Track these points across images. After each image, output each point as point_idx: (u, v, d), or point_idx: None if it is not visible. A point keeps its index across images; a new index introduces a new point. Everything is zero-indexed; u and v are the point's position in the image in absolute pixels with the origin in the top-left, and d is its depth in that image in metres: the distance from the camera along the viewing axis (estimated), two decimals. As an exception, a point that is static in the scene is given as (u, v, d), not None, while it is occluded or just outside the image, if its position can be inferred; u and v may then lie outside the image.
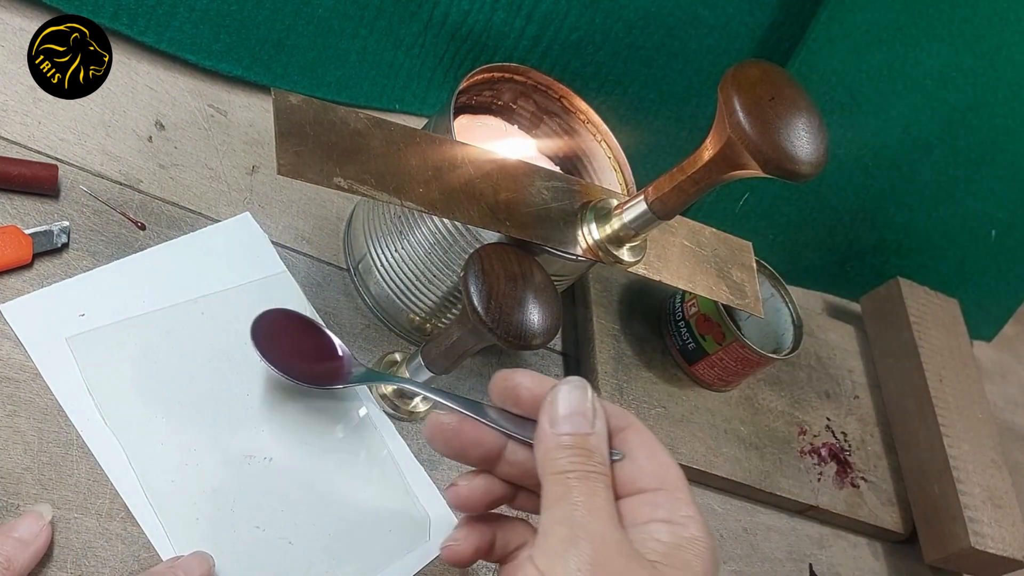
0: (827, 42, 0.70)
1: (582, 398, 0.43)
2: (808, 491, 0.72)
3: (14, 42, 0.58)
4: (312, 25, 0.64)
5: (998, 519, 0.73)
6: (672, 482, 0.42)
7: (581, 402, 0.43)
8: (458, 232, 0.55)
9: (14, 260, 0.50)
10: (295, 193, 0.63)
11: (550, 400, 0.44)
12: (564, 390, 0.44)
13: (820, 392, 0.79)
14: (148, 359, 0.52)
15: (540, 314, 0.50)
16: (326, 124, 0.48)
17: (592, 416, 0.43)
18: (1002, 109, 0.77)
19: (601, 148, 0.63)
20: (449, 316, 0.60)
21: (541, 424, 0.43)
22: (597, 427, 0.43)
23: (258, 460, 0.52)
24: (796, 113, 0.47)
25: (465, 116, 0.64)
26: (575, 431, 0.42)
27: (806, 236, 0.84)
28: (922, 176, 0.81)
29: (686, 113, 0.77)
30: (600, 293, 0.71)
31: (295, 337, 0.55)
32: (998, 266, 0.89)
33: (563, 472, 0.42)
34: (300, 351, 0.55)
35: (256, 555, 0.49)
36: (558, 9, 0.68)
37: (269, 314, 0.54)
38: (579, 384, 0.44)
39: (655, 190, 0.52)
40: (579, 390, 0.43)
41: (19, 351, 0.49)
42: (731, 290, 0.62)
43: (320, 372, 0.55)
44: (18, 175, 0.52)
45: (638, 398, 0.68)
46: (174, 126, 0.61)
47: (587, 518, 0.40)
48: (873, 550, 0.76)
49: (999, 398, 0.97)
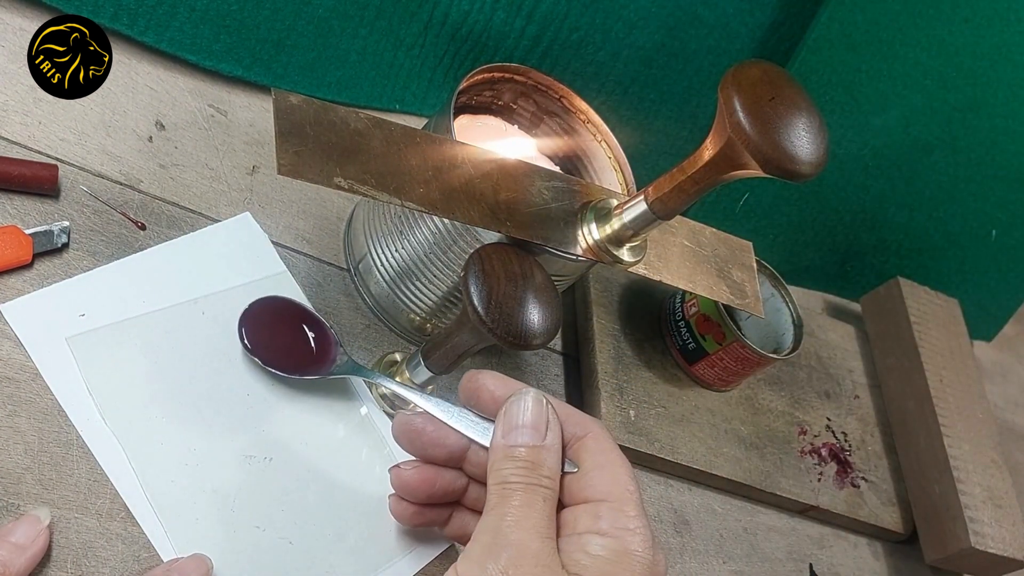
0: (827, 42, 0.70)
1: (536, 410, 0.44)
2: (808, 491, 0.72)
3: (14, 42, 0.58)
4: (312, 25, 0.64)
5: (998, 519, 0.73)
6: (619, 494, 0.42)
7: (535, 414, 0.44)
8: (458, 232, 0.55)
9: (14, 260, 0.50)
10: (295, 193, 0.63)
11: (504, 410, 0.44)
12: (518, 401, 0.44)
13: (820, 392, 0.79)
14: (148, 359, 0.52)
15: (540, 314, 0.50)
16: (326, 124, 0.48)
17: (544, 428, 0.43)
18: (1002, 109, 0.77)
19: (601, 148, 0.63)
20: (449, 316, 0.60)
21: (494, 432, 0.44)
22: (548, 440, 0.43)
23: (258, 460, 0.52)
24: (796, 113, 0.47)
25: (465, 116, 0.64)
26: (523, 443, 0.43)
27: (806, 236, 0.84)
28: (922, 176, 0.81)
29: (686, 113, 0.77)
30: (600, 293, 0.71)
31: (284, 326, 0.55)
32: (998, 266, 0.89)
33: (504, 483, 0.42)
34: (286, 341, 0.55)
35: (256, 555, 0.49)
36: (558, 9, 0.68)
37: (260, 303, 0.55)
38: (534, 396, 0.44)
39: (655, 190, 0.52)
40: (533, 402, 0.44)
41: (19, 351, 0.49)
42: (731, 290, 0.62)
43: (304, 362, 0.55)
44: (18, 175, 0.52)
45: (638, 398, 0.68)
46: (174, 126, 0.61)
47: (512, 528, 0.41)
48: (873, 550, 0.76)
49: (999, 398, 0.97)
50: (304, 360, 0.55)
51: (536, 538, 0.40)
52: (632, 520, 0.41)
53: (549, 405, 0.44)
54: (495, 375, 0.47)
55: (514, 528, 0.41)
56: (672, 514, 0.67)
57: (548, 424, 0.43)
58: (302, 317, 0.56)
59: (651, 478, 0.67)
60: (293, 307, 0.56)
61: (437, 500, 0.49)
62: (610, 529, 0.41)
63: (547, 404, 0.44)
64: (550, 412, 0.44)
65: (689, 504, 0.68)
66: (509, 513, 0.41)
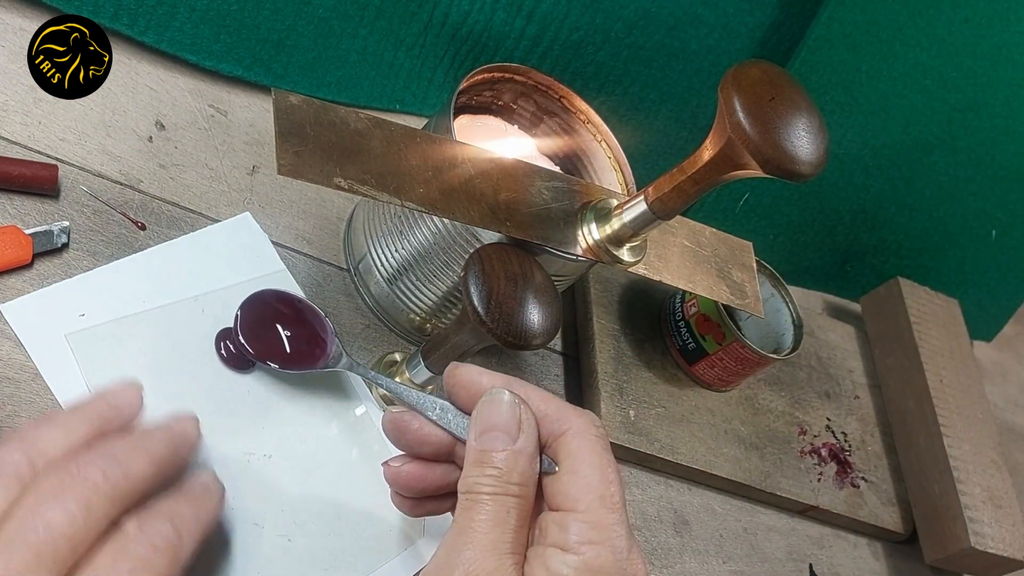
0: (827, 42, 0.70)
1: (508, 412, 0.41)
2: (808, 491, 0.72)
3: (14, 42, 0.58)
4: (312, 25, 0.64)
5: (998, 519, 0.73)
6: (588, 502, 0.40)
7: (507, 415, 0.41)
8: (458, 232, 0.55)
9: (14, 260, 0.50)
10: (295, 193, 0.63)
11: (476, 411, 0.42)
12: (489, 402, 0.42)
13: (820, 392, 0.79)
14: (148, 357, 0.52)
15: (540, 314, 0.50)
16: (326, 124, 0.48)
17: (516, 430, 0.41)
18: (1002, 109, 0.77)
19: (601, 148, 0.63)
20: (449, 316, 0.60)
21: (468, 434, 0.42)
22: (520, 443, 0.41)
23: (257, 457, 0.52)
24: (796, 113, 0.47)
25: (465, 116, 0.64)
26: (491, 448, 0.41)
27: (806, 236, 0.84)
28: (922, 176, 0.81)
29: (686, 113, 0.77)
30: (600, 293, 0.71)
31: (280, 320, 0.55)
32: (998, 266, 0.89)
33: (469, 492, 0.41)
34: (279, 336, 0.54)
35: (255, 552, 0.49)
36: (558, 9, 0.68)
37: (258, 296, 0.54)
38: (507, 397, 0.42)
39: (655, 190, 0.52)
40: (503, 404, 0.42)
41: (19, 351, 0.49)
42: (731, 290, 0.62)
43: (300, 357, 0.54)
44: (18, 175, 0.52)
45: (638, 398, 0.68)
46: (174, 126, 0.61)
47: (468, 544, 0.39)
48: (873, 550, 0.76)
49: (999, 398, 0.97)
50: (300, 355, 0.54)
51: (492, 555, 0.39)
52: (601, 531, 0.39)
53: (520, 405, 0.42)
54: (471, 369, 0.44)
55: (469, 544, 0.39)
56: (672, 514, 0.67)
57: (521, 425, 0.41)
58: (297, 310, 0.55)
59: (651, 478, 0.67)
60: (288, 300, 0.55)
61: (432, 493, 0.48)
62: (575, 543, 0.39)
63: (519, 404, 0.42)
64: (523, 412, 0.42)
65: (689, 504, 0.68)
66: (468, 527, 0.40)
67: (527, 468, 0.41)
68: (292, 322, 0.55)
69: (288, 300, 0.56)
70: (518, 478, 0.40)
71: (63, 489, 0.36)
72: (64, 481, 0.36)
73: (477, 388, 0.44)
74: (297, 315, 0.55)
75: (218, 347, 0.54)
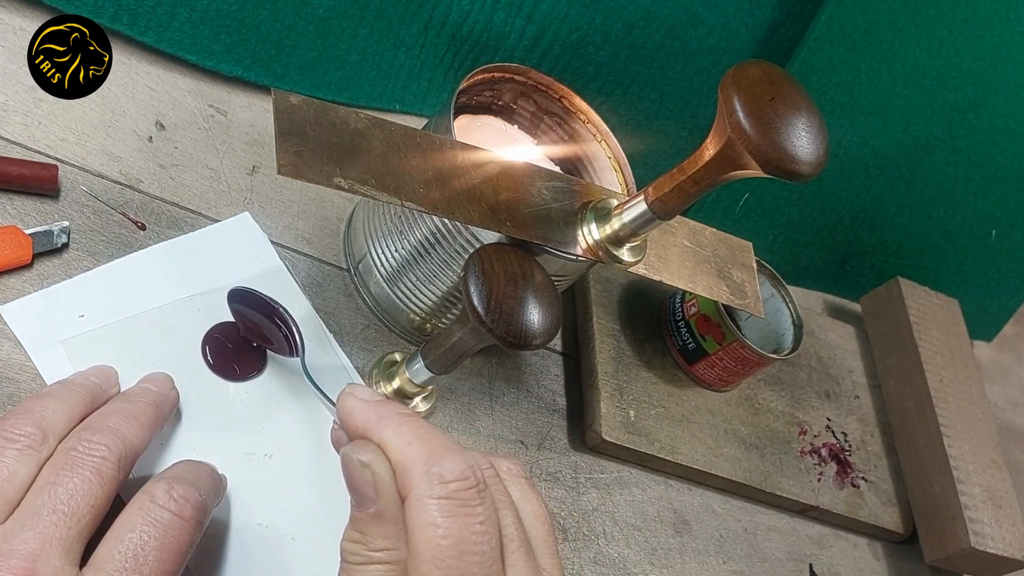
0: (827, 42, 0.70)
1: (359, 475, 0.38)
2: (808, 491, 0.72)
3: (14, 42, 0.58)
4: (312, 25, 0.64)
5: (998, 519, 0.73)
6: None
7: (358, 479, 0.38)
8: (458, 232, 0.55)
9: (14, 260, 0.50)
10: (295, 193, 0.63)
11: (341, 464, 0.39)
12: (344, 462, 0.39)
13: (820, 392, 0.79)
14: (145, 357, 0.52)
15: (540, 314, 0.50)
16: (326, 124, 0.48)
17: (373, 493, 0.37)
18: (1002, 109, 0.77)
19: (601, 148, 0.63)
20: (449, 316, 0.60)
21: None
22: (379, 507, 0.37)
23: (258, 457, 0.52)
24: (796, 113, 0.47)
25: (465, 116, 0.64)
26: (356, 509, 0.38)
27: (806, 236, 0.84)
28: (922, 176, 0.81)
29: (686, 113, 0.77)
30: (600, 293, 0.71)
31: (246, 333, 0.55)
32: (998, 266, 0.89)
33: (343, 559, 0.38)
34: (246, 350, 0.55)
35: (259, 552, 0.49)
36: (558, 9, 0.68)
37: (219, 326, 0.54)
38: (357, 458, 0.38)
39: (655, 190, 0.52)
40: (355, 467, 0.38)
41: (19, 351, 0.49)
42: (731, 290, 0.62)
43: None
44: (18, 175, 0.52)
45: (638, 398, 0.68)
46: (174, 126, 0.61)
47: None
48: (873, 550, 0.76)
49: (999, 398, 0.97)
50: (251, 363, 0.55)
51: None
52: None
53: (369, 466, 0.38)
54: (348, 401, 0.41)
55: None
56: (672, 514, 0.67)
57: (376, 488, 0.37)
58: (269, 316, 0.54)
59: (651, 478, 0.67)
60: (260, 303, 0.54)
61: None
62: None
63: (367, 466, 0.38)
64: (375, 472, 0.38)
65: (689, 504, 0.68)
66: None
67: (392, 530, 0.37)
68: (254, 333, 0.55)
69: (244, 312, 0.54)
70: (382, 543, 0.37)
71: (77, 463, 0.40)
72: (76, 456, 0.40)
73: (351, 428, 0.40)
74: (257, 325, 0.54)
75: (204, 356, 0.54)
